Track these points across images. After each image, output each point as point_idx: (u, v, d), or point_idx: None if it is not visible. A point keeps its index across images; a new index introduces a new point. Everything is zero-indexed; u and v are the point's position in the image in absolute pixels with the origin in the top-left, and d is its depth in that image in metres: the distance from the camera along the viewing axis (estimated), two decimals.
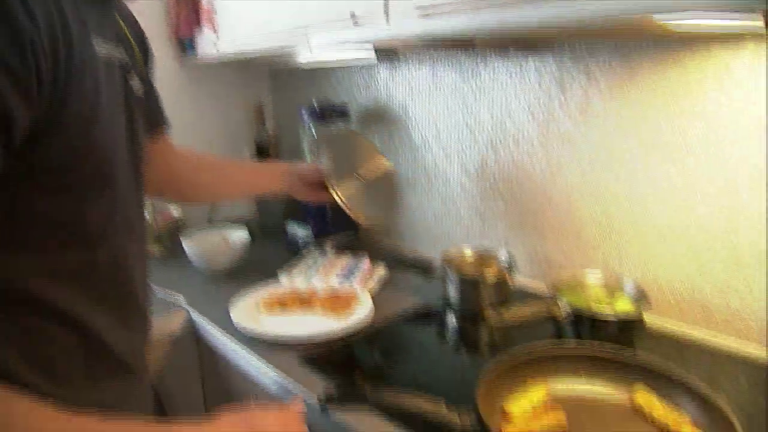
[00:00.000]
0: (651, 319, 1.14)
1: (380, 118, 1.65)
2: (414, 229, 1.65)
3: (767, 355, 1.00)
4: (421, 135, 1.55)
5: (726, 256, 1.04)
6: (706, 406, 0.76)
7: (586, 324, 1.02)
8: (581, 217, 1.24)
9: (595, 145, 1.18)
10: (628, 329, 1.02)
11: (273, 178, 1.24)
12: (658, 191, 1.10)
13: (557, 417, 0.79)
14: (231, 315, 1.15)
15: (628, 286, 1.11)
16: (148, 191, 0.82)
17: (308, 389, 0.91)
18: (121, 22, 0.74)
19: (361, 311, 1.16)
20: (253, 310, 1.19)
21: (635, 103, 1.10)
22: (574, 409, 0.83)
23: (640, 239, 1.15)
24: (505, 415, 0.80)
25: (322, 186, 1.20)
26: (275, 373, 0.98)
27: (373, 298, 1.24)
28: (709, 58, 0.98)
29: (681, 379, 0.81)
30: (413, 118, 1.56)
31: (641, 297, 1.07)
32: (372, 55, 1.37)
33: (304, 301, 1.22)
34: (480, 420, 0.72)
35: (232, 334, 1.12)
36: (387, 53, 1.45)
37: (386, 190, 1.40)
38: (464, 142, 1.44)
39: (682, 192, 1.07)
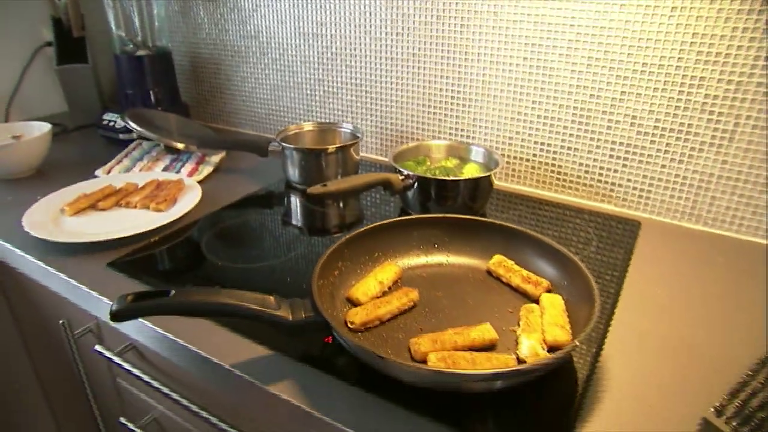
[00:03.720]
0: (507, 186, 1.12)
1: None
2: (251, 106, 1.47)
3: (614, 207, 1.02)
4: None
5: (576, 116, 1.01)
6: (561, 264, 0.73)
7: (431, 192, 0.95)
8: (432, 83, 1.14)
9: None
10: (476, 194, 0.96)
11: None
12: (511, 49, 1.03)
13: (408, 296, 0.72)
14: (23, 220, 0.94)
15: (478, 153, 1.05)
16: None
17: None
18: None
19: (186, 202, 1.00)
20: (55, 213, 0.99)
21: None
22: (426, 283, 0.77)
23: (495, 104, 1.09)
24: (350, 303, 0.72)
25: None
26: (75, 283, 0.82)
27: (204, 186, 1.08)
28: None
29: (536, 238, 0.77)
30: None
31: (490, 161, 1.02)
32: None
33: (120, 196, 1.03)
34: (316, 310, 0.62)
35: (25, 244, 0.92)
36: None
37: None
38: (298, 2, 1.25)
39: (536, 48, 1.00)
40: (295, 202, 1.09)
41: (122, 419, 0.90)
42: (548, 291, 0.73)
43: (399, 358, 0.63)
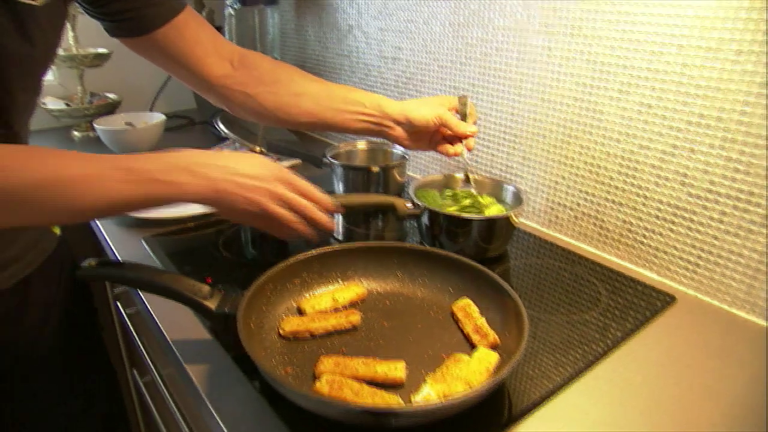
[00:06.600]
0: (546, 233, 1.04)
1: (311, 2, 1.51)
2: None
3: (658, 276, 0.90)
4: (347, 20, 1.41)
5: (625, 167, 0.91)
6: (514, 317, 0.67)
7: (442, 226, 0.91)
8: (488, 116, 1.10)
9: (503, 29, 1.03)
10: (491, 234, 0.91)
11: (364, 120, 0.89)
12: (561, 83, 0.96)
13: (348, 318, 0.72)
14: None
15: (508, 191, 0.98)
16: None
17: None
18: None
19: None
20: None
21: None
22: (383, 310, 0.76)
23: (541, 140, 1.02)
24: (299, 313, 0.74)
25: (430, 137, 0.92)
26: (114, 250, 0.96)
27: None
28: None
29: (496, 283, 0.72)
30: (340, 2, 1.42)
31: (516, 201, 0.95)
32: None
33: None
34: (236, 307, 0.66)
35: None
36: None
37: None
38: (383, 27, 1.30)
39: (586, 86, 0.92)
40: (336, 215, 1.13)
41: (135, 372, 1.02)
42: (494, 346, 0.67)
43: (288, 373, 0.64)
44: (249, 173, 0.65)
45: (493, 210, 0.94)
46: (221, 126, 1.34)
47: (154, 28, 0.81)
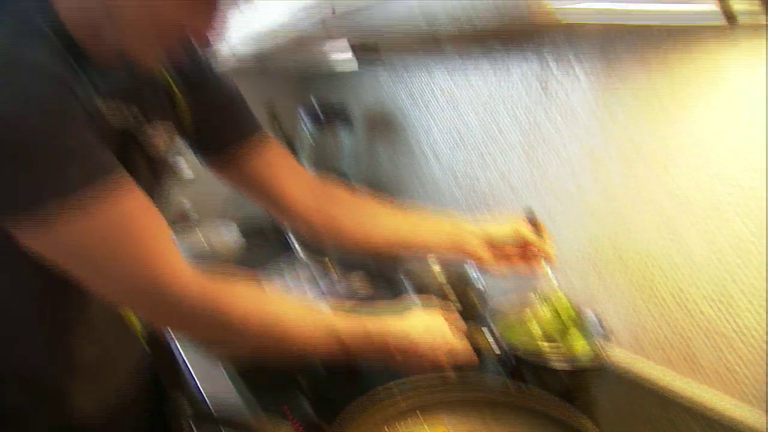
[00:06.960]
0: (628, 361, 1.00)
1: (381, 123, 1.60)
2: None
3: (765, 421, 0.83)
4: (417, 141, 1.48)
5: (714, 294, 0.87)
6: None
7: (527, 367, 0.88)
8: (561, 234, 1.10)
9: (577, 154, 1.05)
10: (574, 377, 0.87)
11: (443, 239, 0.92)
12: (640, 208, 0.96)
13: None
14: None
15: (591, 320, 0.94)
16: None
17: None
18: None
19: None
20: None
21: (618, 107, 0.96)
22: None
23: (619, 265, 1.00)
24: None
25: (520, 253, 0.93)
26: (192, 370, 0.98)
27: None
28: (698, 55, 0.84)
29: None
30: (410, 125, 1.50)
31: (603, 334, 0.91)
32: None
33: None
34: None
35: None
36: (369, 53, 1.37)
37: None
38: (455, 150, 1.36)
39: (666, 212, 0.92)
40: None
41: None
42: None
43: None
44: (427, 357, 0.75)
45: (579, 345, 0.90)
46: (293, 240, 1.39)
47: (229, 144, 0.85)
